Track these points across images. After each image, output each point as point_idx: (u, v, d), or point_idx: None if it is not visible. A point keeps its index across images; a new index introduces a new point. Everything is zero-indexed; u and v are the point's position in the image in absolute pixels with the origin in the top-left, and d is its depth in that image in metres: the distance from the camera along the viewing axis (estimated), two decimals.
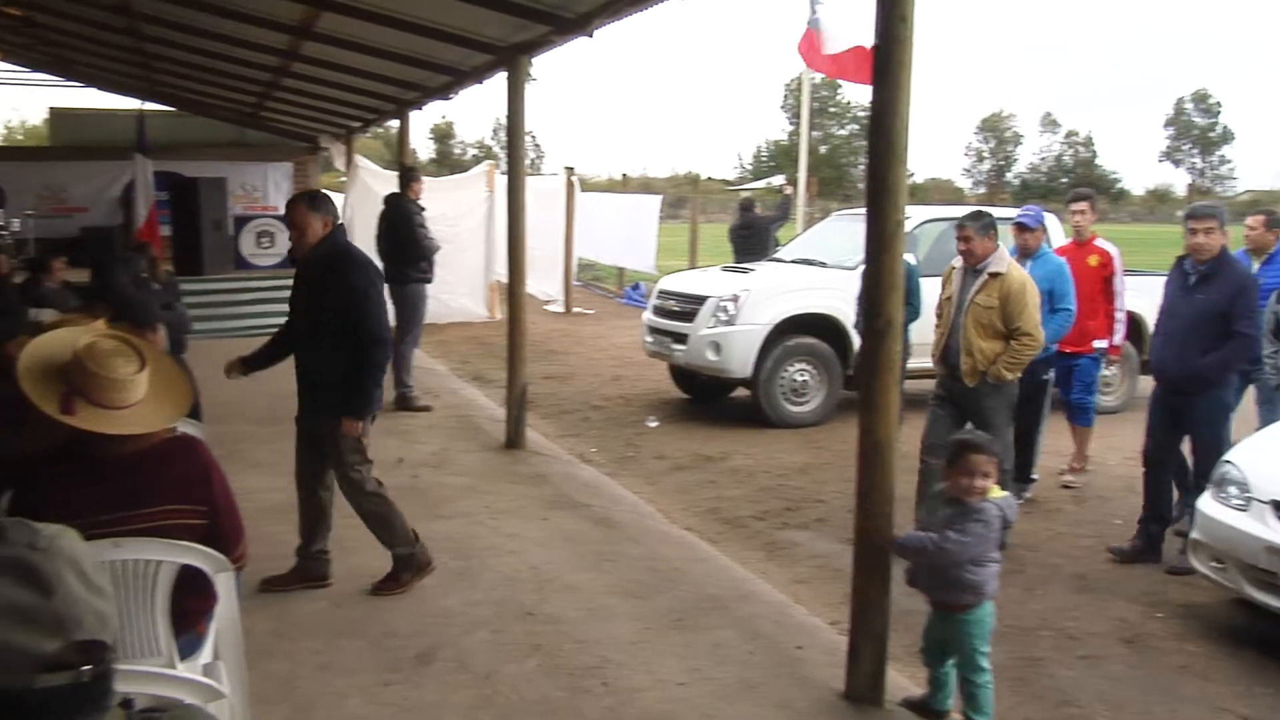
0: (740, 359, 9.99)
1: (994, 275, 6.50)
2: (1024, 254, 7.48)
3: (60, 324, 4.43)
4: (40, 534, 1.45)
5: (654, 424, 10.28)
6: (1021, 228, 7.56)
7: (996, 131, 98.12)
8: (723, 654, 4.96)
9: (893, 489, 4.43)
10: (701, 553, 6.51)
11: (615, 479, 8.28)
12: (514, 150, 8.99)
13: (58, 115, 21.23)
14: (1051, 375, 7.75)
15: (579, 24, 7.60)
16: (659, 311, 11.14)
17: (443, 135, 77.19)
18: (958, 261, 6.83)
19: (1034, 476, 7.84)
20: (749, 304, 10.05)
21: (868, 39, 4.50)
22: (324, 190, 6.38)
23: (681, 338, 10.40)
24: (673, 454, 9.28)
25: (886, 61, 4.19)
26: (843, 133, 69.23)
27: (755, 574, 6.20)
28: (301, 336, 5.63)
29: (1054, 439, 8.39)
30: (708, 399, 11.28)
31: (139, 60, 14.97)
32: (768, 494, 8.05)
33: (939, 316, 6.96)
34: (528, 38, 8.35)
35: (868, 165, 4.39)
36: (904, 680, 4.80)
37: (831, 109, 66.11)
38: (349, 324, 5.38)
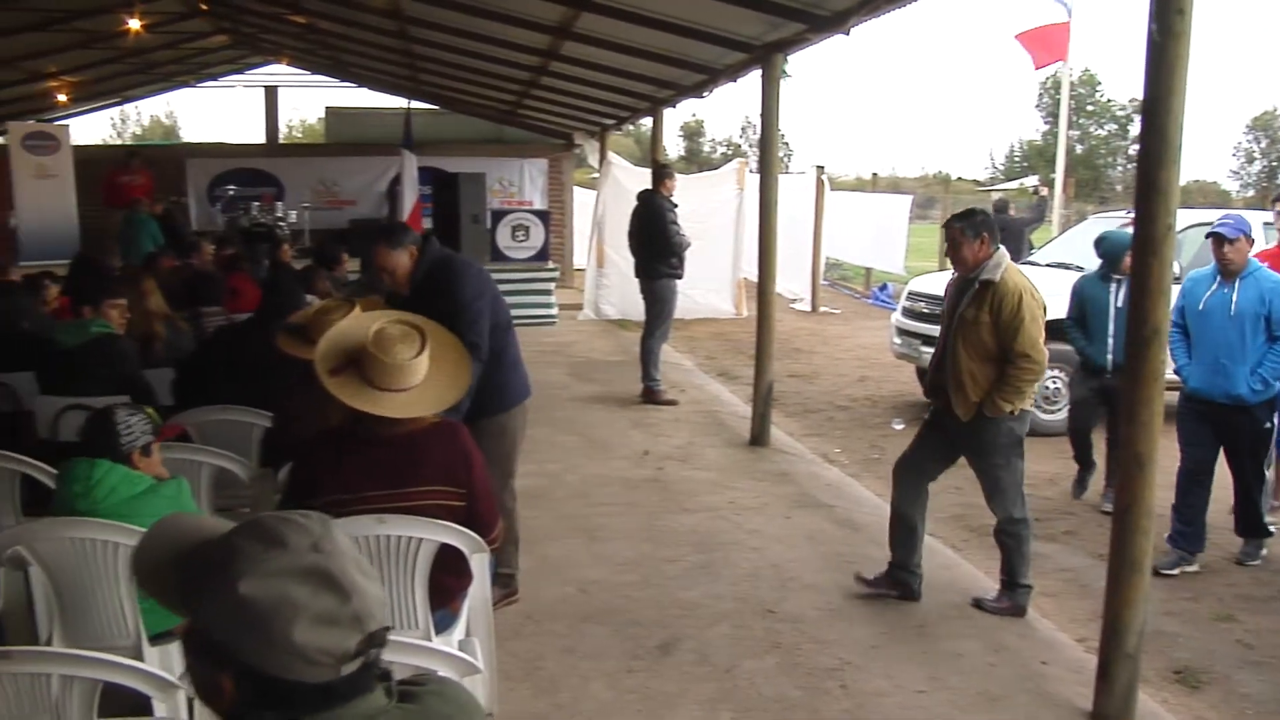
0: None
1: (985, 284, 5.33)
2: (1226, 273, 6.30)
3: (321, 309, 4.72)
4: (315, 533, 1.54)
5: (900, 426, 10.12)
6: (1220, 239, 6.26)
7: (1269, 131, 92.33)
8: (964, 664, 4.87)
9: (1154, 504, 4.26)
10: (945, 559, 6.39)
11: (859, 480, 8.20)
12: (767, 148, 9.00)
13: (333, 114, 22.36)
14: (1276, 421, 6.55)
15: (835, 22, 7.55)
16: (908, 313, 10.96)
17: (693, 133, 77.65)
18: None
19: (1271, 528, 6.73)
20: None
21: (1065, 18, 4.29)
22: (394, 221, 6.01)
23: (930, 340, 10.19)
24: None
25: (1161, 56, 4.01)
26: (1101, 132, 66.45)
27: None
28: None
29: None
30: None
31: (406, 61, 15.66)
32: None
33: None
34: (783, 36, 8.34)
35: (1138, 165, 4.22)
36: (1154, 705, 4.62)
37: (1089, 107, 63.39)
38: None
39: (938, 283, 10.99)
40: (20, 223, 16.51)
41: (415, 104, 18.83)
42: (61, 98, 19.19)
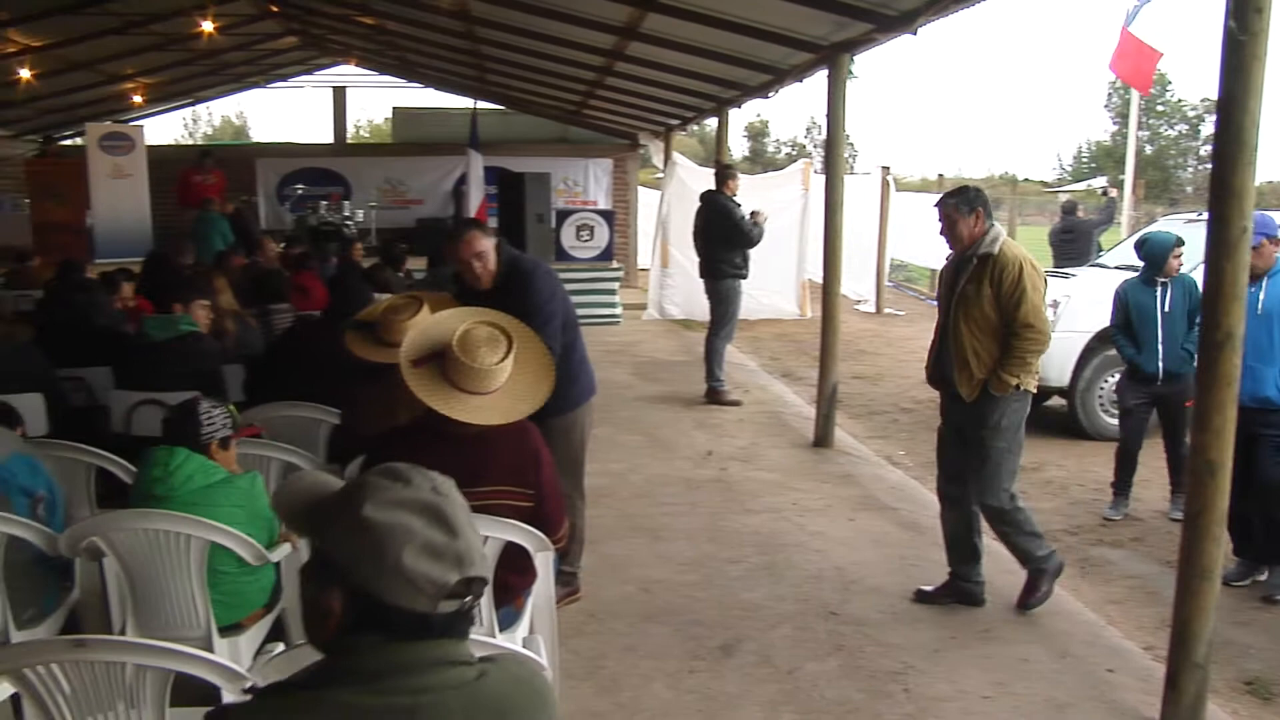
0: (1057, 367, 9.61)
1: (984, 258, 5.19)
2: (1251, 274, 5.62)
3: (389, 307, 4.76)
4: (436, 480, 1.75)
5: None
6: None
7: None
8: (1029, 670, 4.82)
9: (1225, 511, 4.19)
10: (1010, 564, 6.29)
11: (923, 483, 8.12)
12: (833, 149, 8.96)
13: (400, 114, 22.56)
14: None
15: (903, 21, 7.50)
16: None
17: (757, 133, 77.38)
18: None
19: None
20: (1068, 310, 9.65)
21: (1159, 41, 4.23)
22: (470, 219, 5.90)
23: None
24: None
25: (1239, 55, 3.94)
26: (1171, 133, 65.33)
27: (1066, 590, 5.96)
28: None
29: None
30: None
31: (473, 61, 15.77)
32: (1081, 508, 7.72)
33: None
34: (850, 36, 8.31)
35: (1212, 166, 4.14)
36: (1224, 716, 4.54)
37: (1159, 107, 62.27)
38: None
39: None
40: (96, 221, 16.83)
41: (481, 104, 18.97)
42: (137, 99, 19.57)
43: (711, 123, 15.59)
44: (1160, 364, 7.10)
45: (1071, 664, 4.89)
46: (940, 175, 28.67)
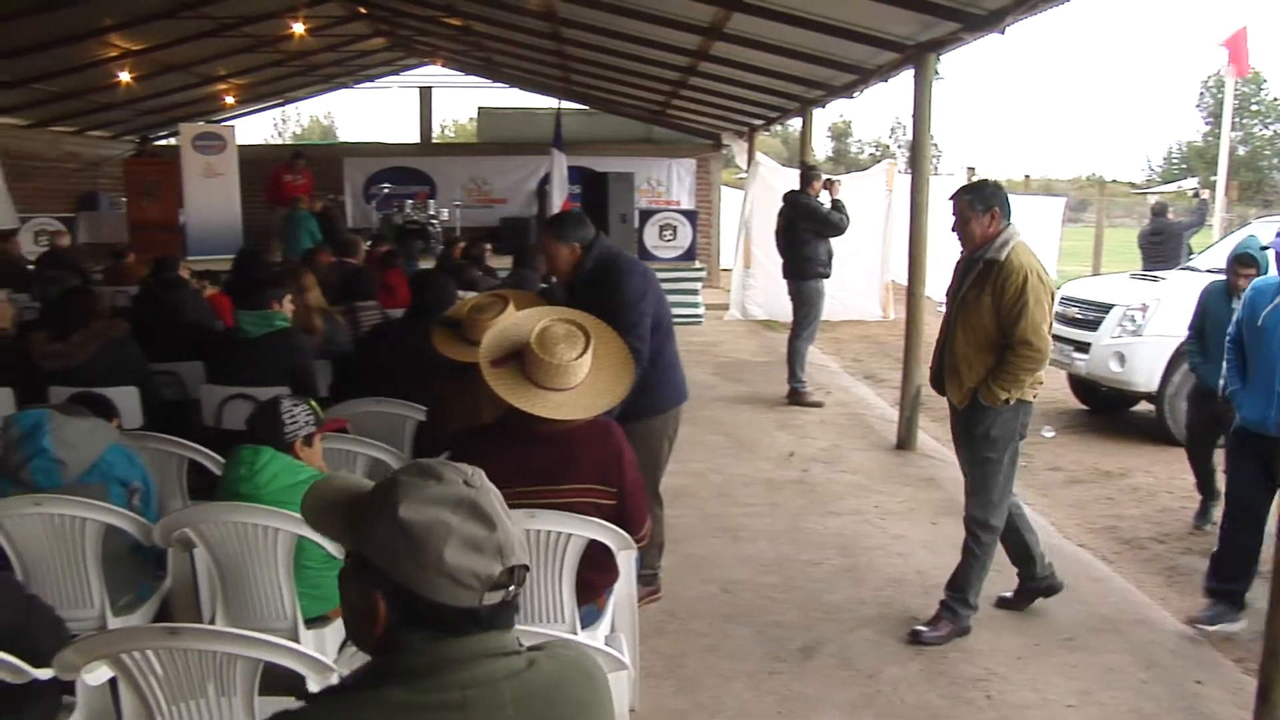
0: (1146, 372, 9.44)
1: (990, 263, 4.85)
2: None
3: (475, 306, 4.81)
4: (467, 472, 1.72)
5: (1050, 434, 9.90)
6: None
7: None
8: (1114, 679, 4.75)
9: None
10: (1096, 571, 6.23)
11: None
12: (918, 150, 8.88)
13: (485, 114, 22.78)
14: None
15: (991, 21, 7.43)
16: (1060, 318, 10.67)
17: (840, 134, 76.98)
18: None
19: None
20: (1158, 314, 9.47)
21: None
22: (568, 212, 5.94)
23: (1083, 347, 9.94)
24: (1068, 466, 8.91)
25: None
26: (1266, 133, 63.69)
27: (1153, 599, 5.87)
28: None
29: None
30: (1108, 411, 10.75)
31: (558, 62, 15.87)
32: (1169, 516, 7.58)
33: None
34: (936, 35, 8.24)
35: None
36: None
37: (1254, 107, 60.77)
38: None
39: (1092, 288, 10.74)
40: (188, 219, 17.19)
41: (566, 104, 19.08)
42: (229, 100, 20.00)
43: (794, 123, 15.54)
44: (1223, 380, 6.28)
45: (1159, 674, 4.81)
46: (1026, 176, 28.34)
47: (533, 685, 1.67)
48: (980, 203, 4.89)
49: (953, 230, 5.04)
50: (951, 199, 5.05)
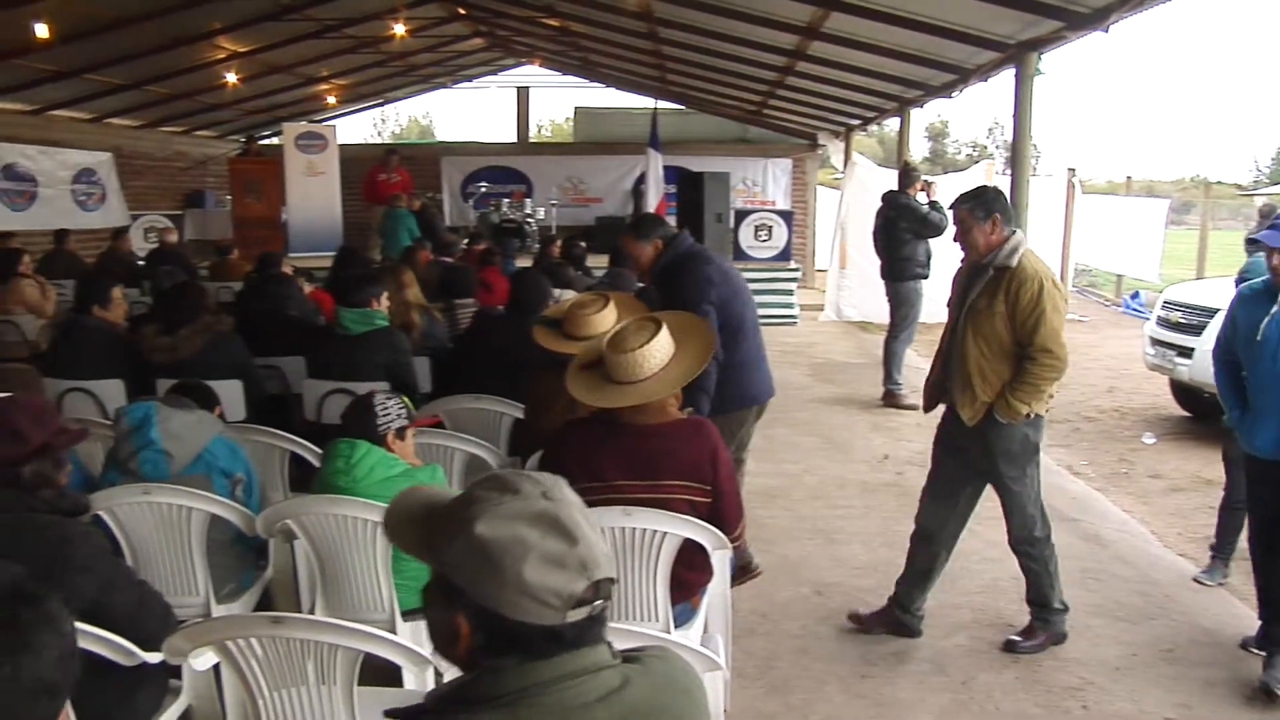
0: None
1: (1000, 270, 4.69)
2: None
3: (577, 303, 4.86)
4: (545, 484, 1.65)
5: (1151, 441, 9.70)
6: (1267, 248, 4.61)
7: None
8: (1215, 694, 4.63)
9: None
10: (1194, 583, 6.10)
11: (1105, 495, 7.90)
12: (1018, 151, 8.75)
13: (581, 113, 22.93)
14: None
15: (1095, 19, 7.31)
16: (1163, 323, 10.47)
17: (937, 134, 76.15)
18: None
19: None
20: None
21: None
22: (647, 213, 6.19)
23: (1187, 352, 9.71)
24: (1169, 474, 8.72)
25: None
26: None
27: (1255, 611, 5.72)
28: None
29: None
30: (1211, 418, 10.49)
31: (654, 61, 15.92)
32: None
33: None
34: (1038, 34, 8.12)
35: None
36: None
37: None
38: None
39: (1197, 291, 10.49)
40: (290, 216, 17.53)
41: (662, 104, 19.12)
42: (330, 100, 20.35)
43: (891, 123, 15.42)
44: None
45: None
46: (1128, 178, 27.69)
47: (629, 705, 1.62)
48: (981, 209, 4.74)
49: (954, 240, 4.89)
50: (951, 208, 4.90)
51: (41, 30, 11.63)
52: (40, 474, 3.09)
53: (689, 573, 3.73)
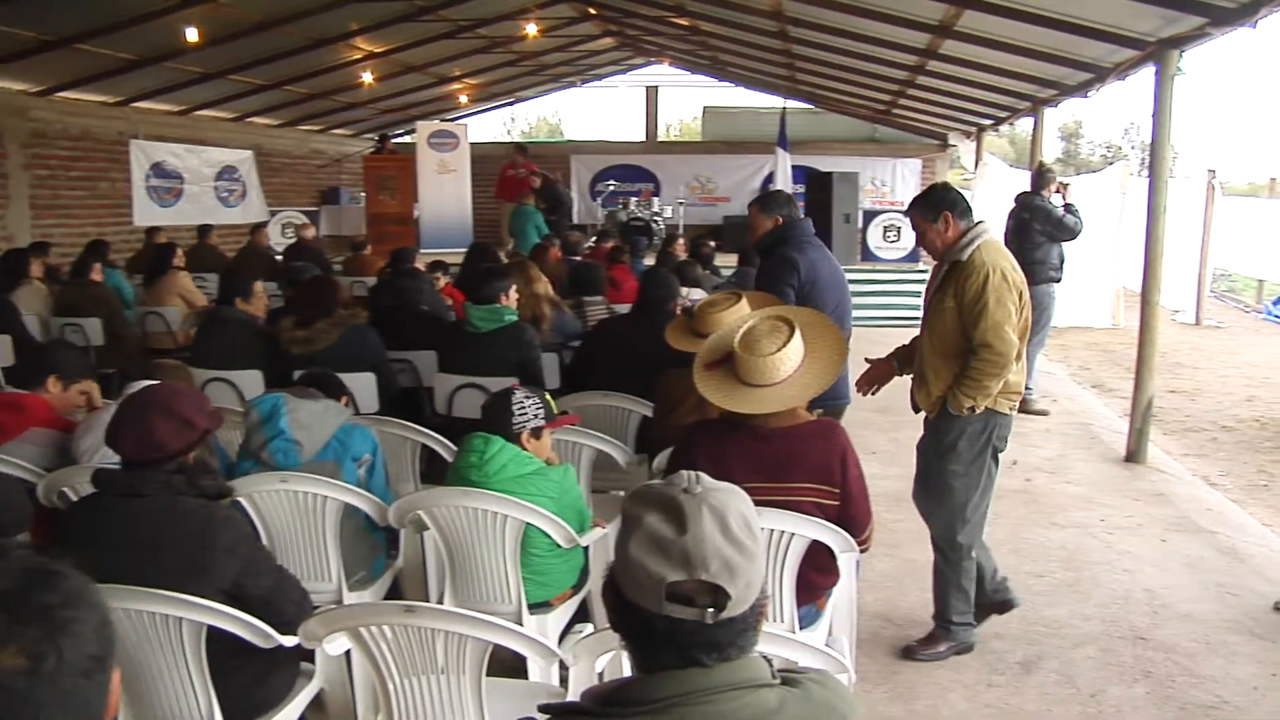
0: None
1: (953, 265, 4.57)
2: None
3: (708, 302, 4.88)
4: (699, 483, 1.68)
5: None
6: None
7: None
8: None
9: None
10: None
11: (1243, 507, 7.67)
12: (1157, 151, 8.50)
13: (710, 113, 22.96)
14: None
15: (1240, 14, 7.06)
16: None
17: (1070, 134, 74.42)
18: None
19: None
20: None
21: None
22: (782, 190, 6.34)
23: None
24: None
25: None
26: None
27: None
28: None
29: None
30: None
31: (784, 61, 15.87)
32: None
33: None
34: (1179, 31, 7.89)
35: None
36: None
37: None
38: None
39: None
40: (422, 213, 17.86)
41: (791, 103, 19.06)
42: (462, 99, 20.69)
43: (1023, 123, 15.11)
44: None
45: None
46: (1272, 179, 26.69)
47: None
48: (928, 210, 4.67)
49: (918, 245, 4.80)
50: (905, 214, 4.73)
51: (191, 34, 12.08)
52: (201, 460, 3.24)
53: (816, 575, 3.72)
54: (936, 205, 4.66)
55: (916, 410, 4.88)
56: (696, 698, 1.56)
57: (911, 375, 4.89)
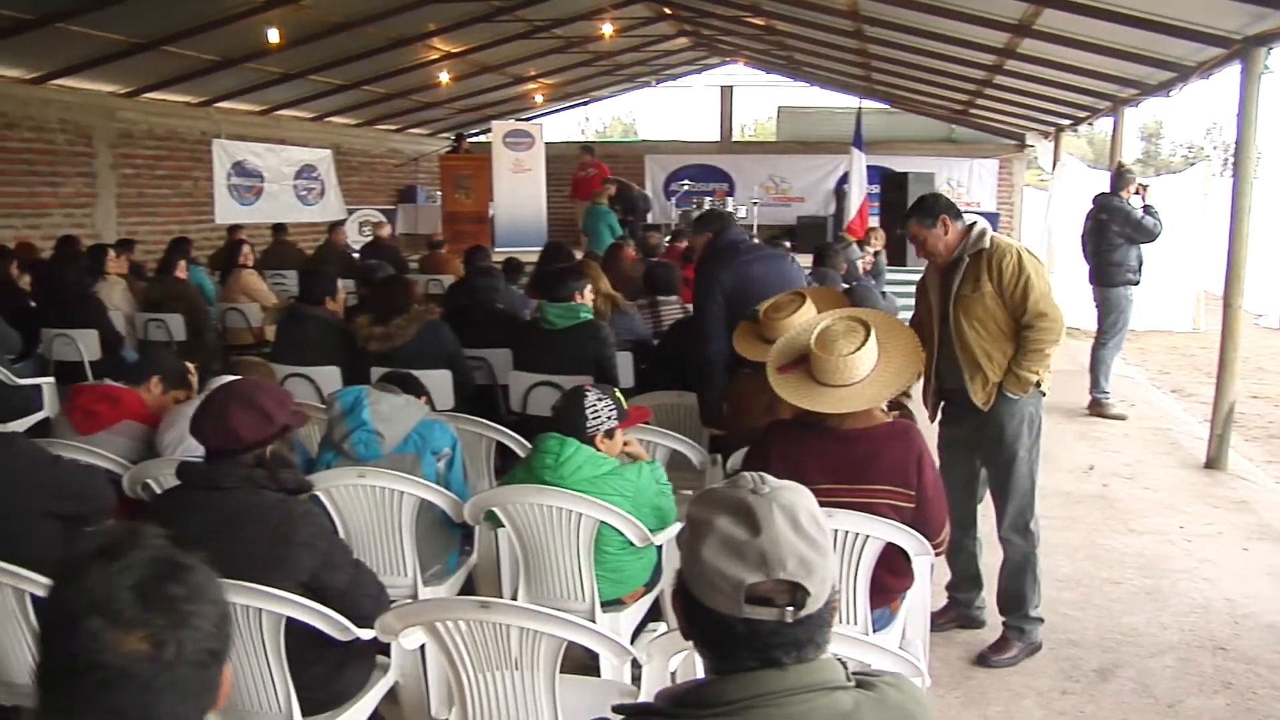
0: None
1: (976, 255, 4.66)
2: None
3: (773, 305, 4.87)
4: (765, 483, 1.66)
5: None
6: None
7: None
8: None
9: None
10: None
11: None
12: (1242, 151, 8.34)
13: (785, 113, 22.89)
14: None
15: None
16: None
17: (1151, 134, 73.14)
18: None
19: None
20: None
21: None
22: (715, 209, 6.42)
23: None
24: None
25: None
26: None
27: None
28: None
29: None
30: None
31: (859, 60, 15.77)
32: None
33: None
34: (1267, 28, 7.71)
35: None
36: None
37: None
38: None
39: None
40: (497, 212, 17.98)
41: (866, 103, 18.94)
42: (538, 99, 20.82)
43: (1101, 123, 14.89)
44: None
45: None
46: None
47: None
48: (925, 217, 4.76)
49: (919, 255, 4.93)
50: (900, 232, 4.73)
51: (273, 35, 12.28)
52: (279, 454, 3.30)
53: (890, 577, 3.71)
54: (933, 211, 4.77)
55: (938, 411, 4.98)
56: (771, 699, 1.55)
57: (937, 378, 4.89)
